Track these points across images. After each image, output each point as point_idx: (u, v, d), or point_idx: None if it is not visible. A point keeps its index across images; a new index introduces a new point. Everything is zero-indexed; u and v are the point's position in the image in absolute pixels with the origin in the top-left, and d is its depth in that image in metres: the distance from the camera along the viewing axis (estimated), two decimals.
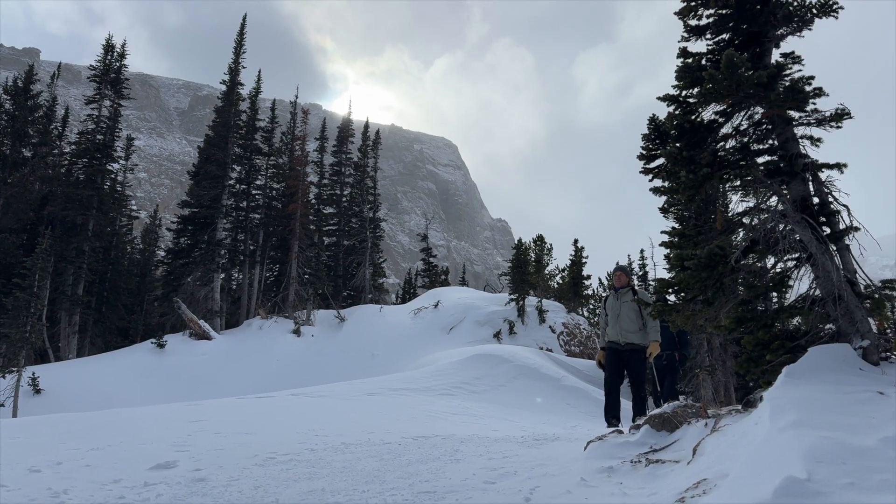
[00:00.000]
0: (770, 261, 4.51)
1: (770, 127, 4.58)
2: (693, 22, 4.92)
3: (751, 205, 4.61)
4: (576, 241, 34.39)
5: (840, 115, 4.26)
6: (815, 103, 4.26)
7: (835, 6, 4.34)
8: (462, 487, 3.43)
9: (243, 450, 4.98)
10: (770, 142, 4.61)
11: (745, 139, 4.69)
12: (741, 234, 4.68)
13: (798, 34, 4.62)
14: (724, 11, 4.73)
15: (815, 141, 4.43)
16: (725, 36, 4.86)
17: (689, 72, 4.57)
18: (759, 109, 4.53)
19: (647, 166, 5.06)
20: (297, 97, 40.29)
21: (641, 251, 32.55)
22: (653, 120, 5.12)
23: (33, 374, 20.23)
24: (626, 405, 8.48)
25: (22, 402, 19.06)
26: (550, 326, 28.64)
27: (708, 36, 4.91)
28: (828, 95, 4.24)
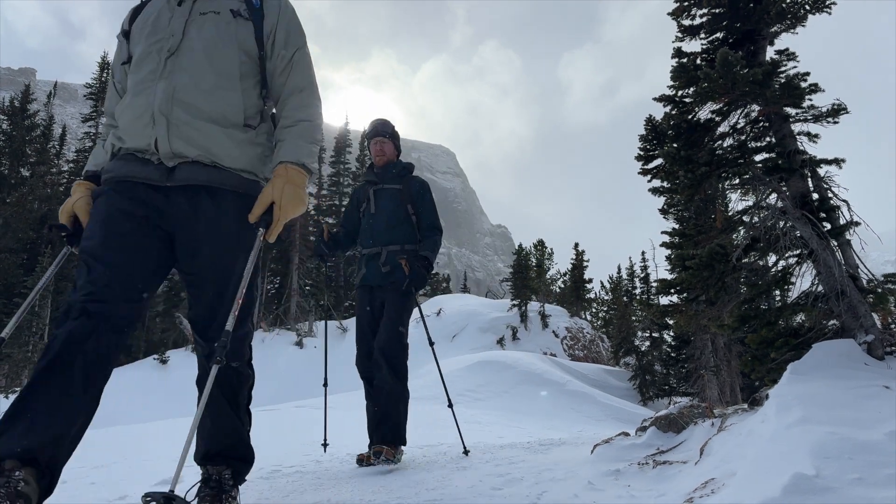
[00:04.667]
0: (771, 258, 4.51)
1: (767, 124, 4.58)
2: (686, 22, 4.94)
3: (750, 203, 4.61)
4: (576, 245, 34.47)
5: (836, 111, 4.26)
6: (811, 99, 4.27)
7: (828, 1, 4.35)
8: (469, 494, 3.41)
9: None
10: (767, 139, 4.62)
11: (743, 137, 4.70)
12: (741, 232, 4.68)
13: (792, 31, 4.63)
14: (717, 10, 4.75)
15: (812, 137, 4.44)
16: (719, 35, 4.87)
17: (685, 72, 4.58)
18: (756, 107, 4.54)
19: (646, 167, 5.06)
20: None
21: (643, 253, 32.54)
22: (650, 121, 5.13)
23: None
24: (629, 407, 8.34)
25: None
26: (553, 331, 28.64)
27: (702, 35, 4.93)
28: (824, 91, 4.25)
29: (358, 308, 4.89)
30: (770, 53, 4.66)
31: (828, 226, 4.22)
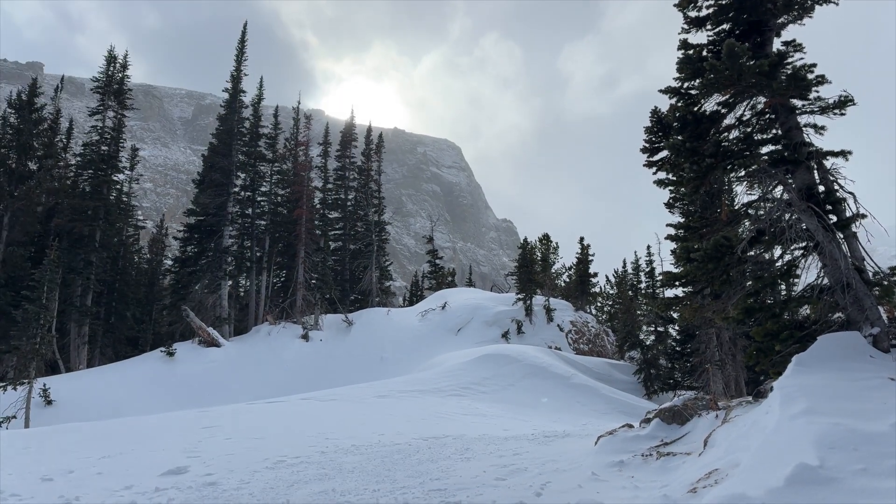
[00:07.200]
0: (777, 251, 4.49)
1: (773, 116, 4.55)
2: (693, 13, 4.90)
3: (756, 195, 4.59)
4: (581, 239, 34.44)
5: (843, 103, 4.23)
6: (817, 91, 4.24)
7: None
8: (473, 484, 3.42)
9: (254, 454, 4.98)
10: (773, 131, 4.59)
11: (749, 129, 4.67)
12: (747, 224, 4.66)
13: (799, 22, 4.60)
14: (723, 2, 4.71)
15: (818, 129, 4.41)
16: (726, 26, 4.83)
17: (691, 63, 4.55)
18: (762, 99, 4.51)
19: (651, 159, 5.04)
20: (299, 103, 40.52)
21: (648, 247, 32.47)
22: (655, 112, 5.10)
23: (44, 385, 20.33)
24: (634, 401, 8.35)
25: (34, 413, 19.14)
26: (558, 325, 28.67)
27: (708, 27, 4.90)
28: (830, 83, 4.22)
29: None
30: (777, 45, 4.62)
31: (834, 218, 4.20)
